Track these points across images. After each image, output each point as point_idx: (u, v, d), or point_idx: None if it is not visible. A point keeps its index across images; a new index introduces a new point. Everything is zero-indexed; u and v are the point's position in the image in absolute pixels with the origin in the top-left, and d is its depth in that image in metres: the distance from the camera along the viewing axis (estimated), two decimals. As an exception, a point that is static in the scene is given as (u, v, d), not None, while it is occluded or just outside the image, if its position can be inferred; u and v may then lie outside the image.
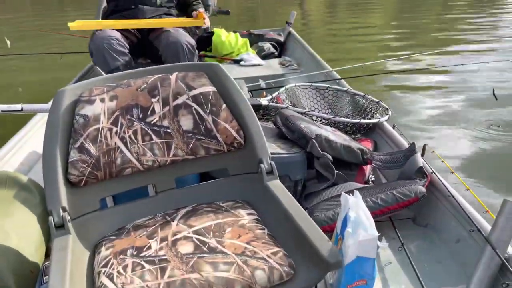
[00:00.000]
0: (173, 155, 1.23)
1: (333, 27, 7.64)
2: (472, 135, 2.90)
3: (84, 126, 1.14)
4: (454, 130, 3.00)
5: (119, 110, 1.18)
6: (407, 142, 1.84)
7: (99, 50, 2.33)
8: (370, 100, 2.26)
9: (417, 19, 7.49)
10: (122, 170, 1.19)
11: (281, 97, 2.23)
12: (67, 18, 4.09)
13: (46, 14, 10.75)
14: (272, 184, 1.24)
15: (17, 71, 5.17)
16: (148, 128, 1.21)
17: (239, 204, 1.24)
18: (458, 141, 2.83)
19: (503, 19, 6.61)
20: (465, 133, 2.94)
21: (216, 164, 1.31)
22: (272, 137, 1.76)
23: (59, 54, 3.66)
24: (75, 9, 12.05)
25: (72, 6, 13.31)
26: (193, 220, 1.16)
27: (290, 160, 1.57)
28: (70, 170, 1.11)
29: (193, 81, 1.26)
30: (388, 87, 3.91)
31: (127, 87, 1.21)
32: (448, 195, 1.46)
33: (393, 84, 3.97)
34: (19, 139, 1.94)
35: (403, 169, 1.63)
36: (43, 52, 4.68)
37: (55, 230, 1.06)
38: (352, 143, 1.71)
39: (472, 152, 2.67)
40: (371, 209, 1.43)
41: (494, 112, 3.23)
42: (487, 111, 3.27)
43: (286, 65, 3.46)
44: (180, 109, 1.24)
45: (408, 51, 5.17)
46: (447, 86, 3.83)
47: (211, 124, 1.25)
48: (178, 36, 2.50)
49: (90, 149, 1.14)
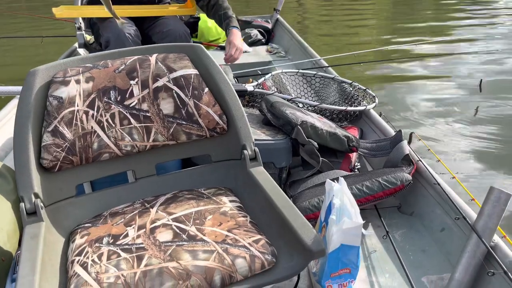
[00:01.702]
0: (153, 140, 1.19)
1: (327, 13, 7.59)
2: (459, 124, 2.91)
3: (58, 108, 1.08)
4: (442, 119, 3.00)
5: (96, 92, 1.13)
6: (394, 130, 1.82)
7: (120, 39, 2.22)
8: (357, 88, 2.23)
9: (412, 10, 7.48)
10: (99, 155, 1.14)
11: (267, 83, 2.19)
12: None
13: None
14: (255, 170, 1.20)
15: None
16: (127, 112, 1.15)
17: (221, 191, 1.20)
18: (445, 129, 2.83)
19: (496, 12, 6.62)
20: (452, 121, 2.94)
21: (198, 150, 1.27)
22: (257, 124, 1.72)
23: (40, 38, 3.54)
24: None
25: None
26: (173, 207, 1.12)
27: (275, 147, 1.54)
28: (43, 154, 1.06)
29: (174, 63, 1.21)
30: (377, 76, 3.89)
31: (104, 68, 1.16)
32: (434, 182, 1.44)
33: (382, 73, 3.94)
34: None
35: (389, 156, 1.61)
36: (23, 36, 4.54)
37: (27, 217, 1.01)
38: (338, 130, 1.68)
39: (459, 140, 2.68)
40: (356, 196, 1.41)
41: (481, 102, 3.24)
42: (474, 101, 3.28)
43: (273, 52, 3.41)
44: (160, 92, 1.19)
45: (400, 38, 5.17)
46: (436, 75, 3.83)
47: (192, 108, 1.20)
48: (173, 24, 2.45)
49: (65, 133, 1.09)
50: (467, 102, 3.25)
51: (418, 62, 4.04)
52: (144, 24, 2.53)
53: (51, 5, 2.50)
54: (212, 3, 2.44)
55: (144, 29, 2.52)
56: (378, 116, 1.98)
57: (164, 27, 2.46)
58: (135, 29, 2.37)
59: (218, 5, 2.43)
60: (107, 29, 2.28)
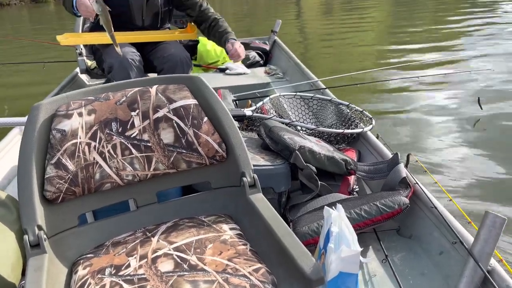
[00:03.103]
0: (153, 169, 1.21)
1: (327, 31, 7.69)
2: (457, 144, 2.92)
3: (61, 141, 1.11)
4: (440, 139, 3.01)
5: (98, 124, 1.16)
6: (391, 152, 1.84)
7: (123, 66, 2.26)
8: (354, 110, 2.27)
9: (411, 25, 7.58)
10: (101, 185, 1.16)
11: (265, 106, 2.22)
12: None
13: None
14: (254, 197, 1.22)
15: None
16: (128, 142, 1.18)
17: (221, 219, 1.22)
18: (443, 150, 2.84)
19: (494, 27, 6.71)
20: (450, 142, 2.96)
21: (198, 177, 1.29)
22: (256, 148, 1.75)
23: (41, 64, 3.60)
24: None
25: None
26: (174, 236, 1.14)
27: (274, 172, 1.56)
28: (46, 186, 1.08)
29: (174, 94, 1.24)
30: (374, 96, 3.93)
31: (105, 101, 1.19)
32: (431, 206, 1.46)
33: (379, 93, 3.99)
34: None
35: (387, 179, 1.63)
36: (25, 61, 4.62)
37: (30, 249, 1.02)
38: (336, 154, 1.70)
39: (457, 161, 2.69)
40: (355, 221, 1.43)
41: (480, 121, 3.26)
42: (472, 119, 3.30)
43: (272, 73, 3.46)
44: (160, 122, 1.22)
45: (397, 59, 5.23)
46: (433, 95, 3.87)
47: (192, 137, 1.23)
48: (174, 49, 2.51)
49: (68, 165, 1.11)
50: (465, 120, 3.28)
51: (414, 82, 4.08)
52: (146, 49, 2.59)
53: (54, 29, 2.55)
54: (213, 24, 2.50)
55: (146, 54, 2.57)
56: (375, 138, 2.00)
57: (165, 52, 2.51)
58: (138, 55, 2.42)
59: (218, 25, 2.48)
60: (110, 55, 2.32)
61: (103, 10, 1.89)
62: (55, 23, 11.98)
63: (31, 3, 18.27)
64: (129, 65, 2.31)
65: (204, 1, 2.51)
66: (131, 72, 2.32)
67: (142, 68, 2.43)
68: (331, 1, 13.02)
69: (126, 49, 2.35)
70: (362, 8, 10.51)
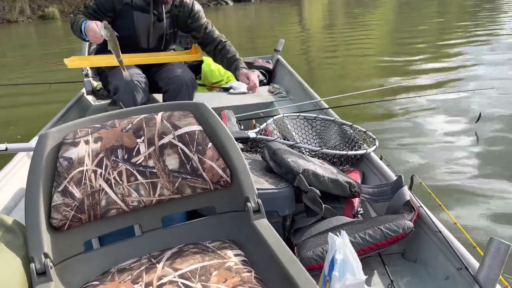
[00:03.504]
0: (158, 194, 1.22)
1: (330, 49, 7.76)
2: (460, 165, 2.90)
3: (68, 169, 1.13)
4: (443, 159, 3.00)
5: (104, 152, 1.17)
6: (395, 173, 1.85)
7: (129, 87, 2.31)
8: (358, 130, 2.28)
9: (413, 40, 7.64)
10: (107, 212, 1.17)
11: (269, 127, 2.24)
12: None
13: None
14: (259, 223, 1.23)
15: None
16: (133, 169, 1.20)
17: (226, 244, 1.22)
18: (446, 170, 2.83)
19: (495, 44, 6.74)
20: (453, 163, 2.94)
21: (203, 202, 1.30)
22: (260, 171, 1.76)
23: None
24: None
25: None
26: (179, 262, 1.14)
27: (278, 195, 1.57)
28: (53, 214, 1.10)
29: (179, 121, 1.26)
30: (376, 115, 3.95)
31: (111, 128, 1.21)
32: (436, 230, 1.45)
33: (381, 112, 4.00)
34: (4, 175, 1.91)
35: (391, 202, 1.63)
36: (32, 82, 4.69)
37: (37, 277, 1.03)
38: (340, 176, 1.71)
39: (460, 182, 2.67)
40: (359, 245, 1.43)
41: (481, 140, 3.26)
42: (476, 139, 3.29)
43: (275, 92, 3.48)
44: (165, 148, 1.23)
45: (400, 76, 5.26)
46: (436, 113, 3.87)
47: (197, 163, 1.25)
48: (179, 70, 2.55)
49: (74, 192, 1.12)
50: (468, 140, 3.27)
51: (417, 100, 4.10)
52: (151, 70, 2.62)
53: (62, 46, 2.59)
54: (220, 48, 2.53)
55: (151, 75, 2.60)
56: (379, 160, 2.01)
57: (171, 73, 2.54)
58: (143, 76, 2.46)
59: (226, 50, 2.51)
60: (116, 76, 2.36)
61: (111, 36, 1.93)
62: (62, 40, 12.15)
63: (38, 19, 18.59)
64: (135, 87, 2.35)
65: (209, 24, 2.55)
66: (137, 93, 2.36)
67: (147, 89, 2.47)
68: (334, 17, 13.16)
69: (131, 71, 2.39)
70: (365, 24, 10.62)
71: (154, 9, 2.43)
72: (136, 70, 2.45)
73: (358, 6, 15.62)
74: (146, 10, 2.42)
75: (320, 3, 18.55)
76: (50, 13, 18.72)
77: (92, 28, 2.08)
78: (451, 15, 10.41)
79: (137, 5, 2.40)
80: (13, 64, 7.76)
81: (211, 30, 2.54)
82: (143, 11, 2.41)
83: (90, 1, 2.38)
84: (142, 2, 2.40)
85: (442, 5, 11.70)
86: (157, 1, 2.42)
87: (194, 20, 2.52)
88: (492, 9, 11.00)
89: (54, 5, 19.19)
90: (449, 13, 11.12)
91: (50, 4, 19.16)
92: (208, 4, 20.27)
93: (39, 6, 19.12)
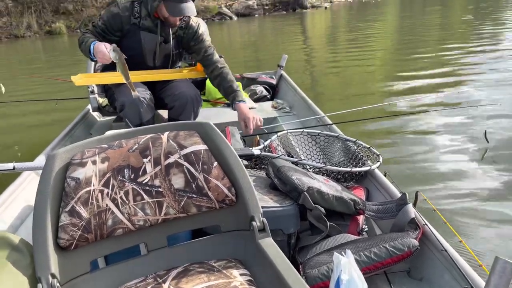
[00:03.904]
0: (164, 213, 1.23)
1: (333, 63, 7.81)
2: (466, 181, 2.88)
3: (75, 189, 1.14)
4: (447, 175, 2.99)
5: (111, 172, 1.19)
6: (399, 190, 1.85)
7: (134, 104, 2.34)
8: (362, 146, 2.29)
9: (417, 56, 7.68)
10: (113, 231, 1.18)
11: (273, 144, 2.25)
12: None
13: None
14: (264, 242, 1.23)
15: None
16: (140, 188, 1.21)
17: (231, 264, 1.23)
18: (451, 187, 2.81)
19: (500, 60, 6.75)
20: (458, 179, 2.92)
21: (208, 221, 1.31)
22: (265, 188, 1.76)
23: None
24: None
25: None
26: (185, 282, 1.15)
27: (282, 214, 1.57)
28: (60, 234, 1.11)
29: (185, 140, 1.28)
30: (380, 130, 3.95)
31: (118, 148, 1.22)
32: (441, 249, 1.45)
33: (385, 127, 4.01)
34: (10, 193, 1.93)
35: (396, 220, 1.63)
36: (37, 99, 4.75)
37: None
38: (344, 194, 1.72)
39: (466, 199, 2.65)
40: (365, 264, 1.43)
41: (486, 156, 3.25)
42: (481, 155, 3.28)
43: (279, 108, 3.50)
44: (171, 168, 1.24)
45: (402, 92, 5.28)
46: (440, 129, 3.87)
47: (202, 182, 1.26)
48: (184, 87, 2.59)
49: (81, 212, 1.14)
50: (473, 156, 3.26)
51: (421, 116, 4.10)
52: (157, 86, 2.66)
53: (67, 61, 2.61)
54: (215, 74, 2.55)
55: (157, 92, 2.64)
56: (383, 176, 2.01)
57: (176, 90, 2.58)
58: (149, 93, 2.49)
59: (222, 77, 2.53)
60: (122, 93, 2.39)
61: (120, 59, 1.96)
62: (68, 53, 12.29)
63: (45, 35, 18.85)
64: (140, 103, 2.37)
65: (210, 48, 2.59)
66: (142, 110, 2.39)
67: (153, 106, 2.50)
68: (336, 31, 13.28)
69: (137, 88, 2.42)
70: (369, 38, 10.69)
71: (161, 30, 2.47)
72: (141, 86, 2.48)
73: (361, 19, 15.76)
74: (154, 31, 2.46)
75: (323, 17, 18.72)
76: (57, 28, 18.99)
77: (101, 50, 2.11)
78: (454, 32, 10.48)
79: (144, 26, 2.44)
80: (20, 79, 7.86)
81: (211, 54, 2.58)
82: (150, 31, 2.45)
83: (99, 21, 2.42)
84: (150, 23, 2.44)
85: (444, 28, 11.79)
86: (165, 23, 2.46)
87: (197, 43, 2.56)
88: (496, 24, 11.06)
89: (61, 20, 19.47)
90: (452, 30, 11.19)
91: (57, 20, 19.45)
92: (213, 19, 20.49)
93: (46, 21, 19.41)
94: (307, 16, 19.50)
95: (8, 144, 4.31)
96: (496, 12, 13.61)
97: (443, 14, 15.36)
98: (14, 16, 19.08)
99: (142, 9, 2.41)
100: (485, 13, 13.39)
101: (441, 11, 16.13)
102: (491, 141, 3.42)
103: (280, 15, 20.70)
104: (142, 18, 2.42)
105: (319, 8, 22.71)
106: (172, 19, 2.42)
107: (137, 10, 2.41)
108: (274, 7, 22.23)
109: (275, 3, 22.37)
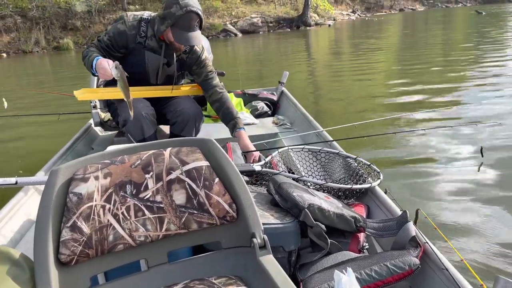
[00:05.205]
0: (165, 229, 1.23)
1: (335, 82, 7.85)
2: (466, 199, 2.87)
3: (77, 204, 1.15)
4: (447, 193, 2.98)
5: (113, 187, 1.20)
6: (400, 208, 1.85)
7: (137, 120, 2.35)
8: (362, 163, 2.29)
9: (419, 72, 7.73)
10: (114, 247, 1.18)
11: (274, 160, 2.26)
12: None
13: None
14: (264, 259, 1.23)
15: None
16: (141, 204, 1.21)
17: (232, 281, 1.22)
18: (451, 205, 2.80)
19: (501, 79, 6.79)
20: (458, 196, 2.91)
21: (209, 237, 1.31)
22: (266, 204, 1.77)
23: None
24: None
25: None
26: None
27: (283, 231, 1.57)
28: (61, 249, 1.11)
29: (187, 156, 1.28)
30: (380, 147, 3.96)
31: (121, 164, 1.23)
32: (442, 268, 1.45)
33: (386, 144, 4.02)
34: (10, 207, 1.93)
35: (396, 238, 1.63)
36: (39, 113, 4.78)
37: None
38: (345, 211, 1.72)
39: (467, 216, 2.64)
40: (366, 282, 1.42)
41: (486, 174, 3.24)
42: (482, 172, 3.28)
43: (280, 124, 3.52)
44: (173, 184, 1.25)
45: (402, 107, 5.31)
46: (440, 147, 3.87)
47: (203, 198, 1.26)
48: (186, 103, 2.61)
49: (83, 228, 1.14)
50: (474, 173, 3.26)
51: (422, 132, 4.11)
52: (159, 103, 2.68)
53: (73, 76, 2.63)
54: (214, 98, 2.57)
55: (159, 108, 2.66)
56: (384, 194, 2.01)
57: (178, 106, 2.60)
58: (151, 109, 2.51)
59: (221, 103, 2.54)
60: (125, 109, 2.40)
61: (121, 76, 1.95)
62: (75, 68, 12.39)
63: (52, 50, 19.09)
64: (143, 119, 2.39)
65: (211, 73, 2.61)
66: (145, 125, 2.40)
67: (155, 121, 2.51)
68: (339, 49, 13.39)
69: (140, 104, 2.44)
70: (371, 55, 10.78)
71: (165, 52, 2.50)
72: (144, 102, 2.50)
73: (364, 37, 15.92)
74: (158, 52, 2.48)
75: (326, 34, 18.92)
76: (64, 44, 19.30)
77: (103, 66, 2.13)
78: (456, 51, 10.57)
79: (149, 46, 2.46)
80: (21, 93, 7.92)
81: (211, 78, 2.60)
82: (154, 52, 2.48)
83: (104, 36, 2.44)
84: (155, 43, 2.46)
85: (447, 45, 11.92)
86: (169, 46, 2.48)
87: (199, 67, 2.59)
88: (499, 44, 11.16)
89: (68, 36, 19.78)
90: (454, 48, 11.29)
91: (65, 36, 19.74)
92: (218, 35, 20.71)
93: (54, 37, 19.70)
94: (310, 34, 19.71)
95: (11, 156, 4.33)
96: (497, 27, 13.71)
97: (445, 31, 15.52)
98: (23, 32, 19.40)
99: (149, 29, 2.43)
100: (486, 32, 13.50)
101: (443, 29, 16.30)
102: (492, 159, 3.43)
103: (284, 33, 20.94)
104: (147, 38, 2.44)
105: (322, 26, 22.98)
106: (178, 44, 2.44)
107: (144, 29, 2.43)
108: (278, 24, 22.50)
109: (279, 21, 22.65)
